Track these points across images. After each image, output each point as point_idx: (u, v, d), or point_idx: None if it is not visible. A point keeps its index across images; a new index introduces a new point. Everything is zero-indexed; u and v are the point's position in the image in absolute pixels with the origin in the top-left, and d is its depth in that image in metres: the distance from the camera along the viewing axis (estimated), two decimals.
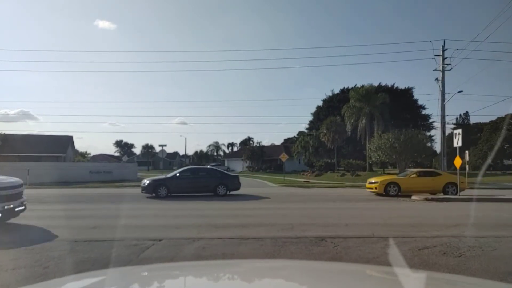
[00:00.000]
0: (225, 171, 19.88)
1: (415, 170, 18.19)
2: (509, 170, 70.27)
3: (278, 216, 10.65)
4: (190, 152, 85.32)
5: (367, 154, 36.22)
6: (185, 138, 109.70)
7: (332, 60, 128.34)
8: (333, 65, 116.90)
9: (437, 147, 37.75)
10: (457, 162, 15.56)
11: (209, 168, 20.11)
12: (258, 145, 58.88)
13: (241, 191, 18.49)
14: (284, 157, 33.26)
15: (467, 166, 28.49)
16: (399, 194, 16.59)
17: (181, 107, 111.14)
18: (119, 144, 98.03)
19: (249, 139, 75.37)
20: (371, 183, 17.62)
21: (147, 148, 73.28)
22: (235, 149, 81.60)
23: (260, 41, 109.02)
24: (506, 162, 72.26)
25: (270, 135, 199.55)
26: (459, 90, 28.97)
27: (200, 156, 76.96)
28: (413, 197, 15.52)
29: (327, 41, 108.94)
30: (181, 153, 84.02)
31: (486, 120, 75.14)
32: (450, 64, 31.15)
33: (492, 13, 50.81)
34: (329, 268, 2.14)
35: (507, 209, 12.50)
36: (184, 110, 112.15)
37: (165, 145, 30.60)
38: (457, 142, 15.42)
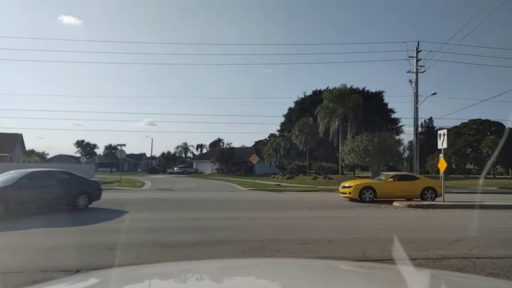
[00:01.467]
0: (82, 176, 13.99)
1: (392, 173, 16.86)
2: (470, 174, 72.42)
3: (246, 229, 8.80)
4: (158, 153, 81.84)
5: (340, 157, 35.17)
6: (152, 139, 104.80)
7: (305, 60, 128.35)
8: (311, 62, 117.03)
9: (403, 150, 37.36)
10: (442, 165, 14.38)
11: (62, 172, 13.41)
12: (228, 146, 56.80)
13: (205, 196, 16.50)
14: (254, 159, 31.51)
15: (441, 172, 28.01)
16: (375, 199, 15.20)
17: (150, 107, 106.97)
18: (80, 144, 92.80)
19: (219, 140, 73.25)
20: (344, 187, 16.06)
21: (110, 148, 69.28)
22: (204, 150, 79.08)
23: (232, 41, 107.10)
24: (468, 166, 74.43)
25: (242, 138, 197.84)
26: (432, 92, 28.36)
27: (167, 158, 73.73)
28: (395, 204, 14.16)
29: (299, 42, 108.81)
30: (149, 154, 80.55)
31: (454, 124, 76.99)
32: (423, 66, 30.67)
33: (466, 16, 51.75)
34: (331, 266, 2.16)
35: (499, 218, 11.33)
36: (153, 110, 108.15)
37: (124, 145, 28.04)
38: (442, 143, 14.25)
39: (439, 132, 14.57)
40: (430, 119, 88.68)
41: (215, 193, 21.63)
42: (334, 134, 38.33)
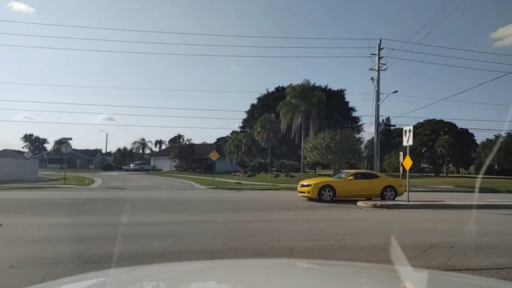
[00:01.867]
0: None
1: (352, 171, 16.11)
2: (424, 172, 75.42)
3: (195, 236, 7.48)
4: (115, 149, 77.62)
5: (302, 154, 34.57)
6: (106, 134, 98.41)
7: (268, 58, 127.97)
8: (273, 56, 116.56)
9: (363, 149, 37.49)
10: (407, 162, 13.81)
11: None
12: (188, 142, 54.71)
13: (157, 195, 14.93)
14: (214, 155, 30.06)
15: (401, 169, 28.12)
16: (334, 199, 14.39)
17: (107, 100, 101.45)
18: (28, 138, 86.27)
19: (179, 136, 70.51)
20: (303, 186, 15.08)
21: (60, 143, 64.58)
22: (164, 147, 76.10)
23: (192, 31, 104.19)
24: (422, 165, 77.49)
25: (204, 135, 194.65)
26: (394, 90, 28.41)
27: (123, 154, 70.01)
28: (360, 204, 13.41)
29: (264, 38, 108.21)
30: (105, 150, 76.23)
31: (412, 123, 79.68)
32: (385, 64, 30.72)
33: (427, 16, 53.19)
34: (331, 266, 2.19)
35: (466, 218, 10.81)
36: (111, 105, 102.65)
37: (70, 139, 25.52)
38: (408, 140, 13.69)
39: (405, 128, 14.02)
40: (388, 119, 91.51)
41: (169, 192, 20.01)
42: (296, 131, 37.71)
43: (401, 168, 28.08)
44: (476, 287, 1.67)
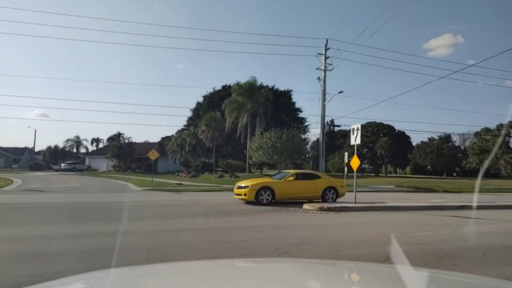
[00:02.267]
0: None
1: (293, 171, 15.01)
2: (365, 173, 78.45)
3: (102, 254, 5.80)
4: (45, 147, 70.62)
5: (247, 154, 33.45)
6: (35, 130, 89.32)
7: (216, 56, 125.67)
8: (220, 51, 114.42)
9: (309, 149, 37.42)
10: (355, 163, 13.11)
11: None
12: (127, 141, 51.14)
13: (80, 199, 12.73)
14: (153, 155, 27.81)
15: (345, 169, 28.11)
16: (273, 201, 13.25)
17: (39, 93, 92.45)
18: None
19: (119, 134, 66.11)
20: (240, 187, 13.67)
21: None
22: (101, 145, 70.88)
23: (140, 27, 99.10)
24: (363, 165, 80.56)
25: (149, 133, 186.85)
26: (339, 90, 28.33)
27: (54, 153, 63.99)
28: (306, 207, 12.42)
29: (212, 35, 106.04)
30: (35, 149, 69.17)
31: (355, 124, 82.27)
32: (331, 64, 30.63)
33: (373, 16, 54.81)
34: (331, 266, 2.23)
35: (416, 221, 10.23)
36: (41, 97, 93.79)
37: None
38: (355, 139, 12.99)
39: (353, 126, 13.33)
40: (332, 121, 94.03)
41: (96, 195, 17.68)
42: (242, 130, 36.54)
43: (345, 168, 28.13)
44: (477, 286, 1.70)
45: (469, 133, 75.91)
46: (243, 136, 36.73)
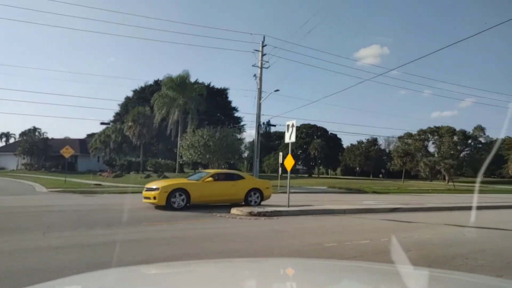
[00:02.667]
0: None
1: (212, 171, 13.33)
2: (299, 173, 79.99)
3: None
4: None
5: (177, 153, 31.23)
6: None
7: (149, 51, 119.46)
8: (152, 40, 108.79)
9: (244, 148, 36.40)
10: (289, 162, 11.98)
11: None
12: (42, 136, 45.45)
13: None
14: (67, 152, 24.48)
15: (280, 169, 27.32)
16: (188, 205, 11.54)
17: None
18: None
19: (35, 129, 58.94)
20: (149, 190, 11.64)
21: None
22: (12, 141, 62.78)
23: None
24: (298, 166, 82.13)
25: (73, 129, 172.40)
26: (275, 89, 27.53)
27: None
28: (234, 211, 10.97)
29: (144, 29, 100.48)
30: None
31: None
32: (268, 62, 29.78)
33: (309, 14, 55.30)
34: (331, 266, 2.18)
35: (356, 228, 9.32)
36: None
37: None
38: (290, 137, 11.87)
39: (288, 123, 12.20)
40: (268, 122, 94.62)
41: None
42: (173, 127, 34.15)
43: (280, 169, 27.37)
44: (478, 286, 1.67)
45: (393, 137, 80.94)
46: (174, 134, 34.36)
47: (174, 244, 6.75)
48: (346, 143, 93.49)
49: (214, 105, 50.92)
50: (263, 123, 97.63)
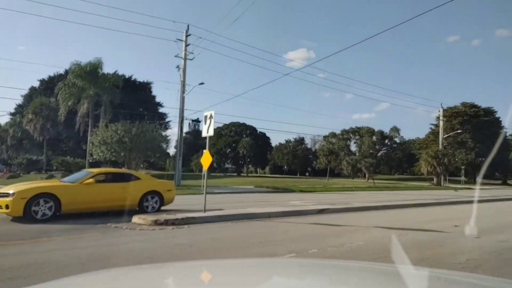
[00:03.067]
0: None
1: (96, 171, 10.72)
2: (228, 172, 78.74)
3: None
4: None
5: (87, 150, 27.57)
6: None
7: (64, 39, 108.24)
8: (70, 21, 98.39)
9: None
10: (206, 160, 10.23)
11: None
12: None
13: None
14: None
15: (203, 168, 25.40)
16: (58, 214, 8.96)
17: None
18: None
19: None
20: (2, 195, 8.74)
21: None
22: None
23: None
24: (227, 165, 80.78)
25: None
26: (200, 82, 25.56)
27: None
28: (135, 220, 8.89)
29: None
30: None
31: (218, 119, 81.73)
32: (193, 53, 27.69)
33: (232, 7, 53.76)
34: (331, 266, 2.17)
35: (274, 236, 7.91)
36: None
37: None
38: (208, 130, 10.15)
39: (205, 114, 10.46)
40: (197, 120, 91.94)
41: None
42: (82, 122, 30.17)
43: (203, 168, 25.45)
44: (478, 286, 1.68)
45: (319, 135, 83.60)
46: (83, 129, 30.38)
47: (33, 275, 4.60)
48: (274, 142, 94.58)
49: (136, 100, 47.14)
50: (192, 120, 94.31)
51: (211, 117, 10.08)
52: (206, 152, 10.21)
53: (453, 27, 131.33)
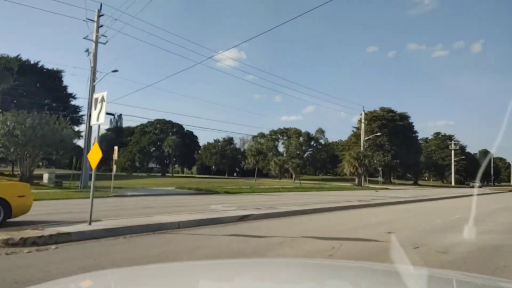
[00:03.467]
0: None
1: None
2: (153, 172, 74.19)
3: None
4: None
5: None
6: None
7: None
8: None
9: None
10: (94, 156, 7.77)
11: None
12: None
13: None
14: None
15: (114, 167, 22.33)
16: None
17: None
18: None
19: None
20: None
21: None
22: None
23: None
24: (151, 164, 76.10)
25: None
26: (113, 69, 22.37)
27: None
28: None
29: None
30: None
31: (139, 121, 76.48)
32: (106, 36, 24.34)
33: None
34: (331, 266, 2.17)
35: (176, 256, 5.96)
36: None
37: None
38: (98, 117, 7.80)
39: (96, 96, 8.09)
40: (120, 116, 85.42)
41: None
42: None
43: (114, 167, 22.40)
44: (478, 286, 1.67)
45: (248, 135, 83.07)
46: None
47: None
48: (203, 141, 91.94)
49: (44, 90, 41.36)
50: (114, 116, 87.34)
51: (102, 100, 7.74)
52: (95, 146, 7.80)
53: (373, 39, 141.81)
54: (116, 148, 20.35)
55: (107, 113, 28.95)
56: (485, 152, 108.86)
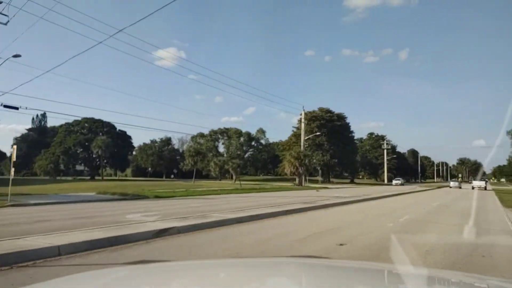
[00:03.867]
0: None
1: None
2: (81, 176, 67.64)
3: None
4: None
5: None
6: None
7: None
8: None
9: None
10: None
11: None
12: None
13: None
14: None
15: (12, 170, 18.47)
16: None
17: None
18: None
19: None
20: None
21: None
22: None
23: None
24: (78, 167, 69.37)
25: None
26: (15, 54, 18.53)
27: None
28: None
29: None
30: None
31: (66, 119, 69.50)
32: (7, 15, 20.28)
33: None
34: (331, 266, 2.14)
35: None
36: None
37: None
38: None
39: None
40: (44, 115, 76.91)
41: None
42: None
43: (12, 170, 18.55)
44: (478, 286, 1.64)
45: (187, 134, 79.72)
46: None
47: None
48: (138, 141, 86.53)
49: None
50: (37, 115, 78.71)
51: None
52: None
53: (310, 43, 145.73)
54: (15, 147, 16.69)
55: (7, 106, 24.08)
56: (413, 152, 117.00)
